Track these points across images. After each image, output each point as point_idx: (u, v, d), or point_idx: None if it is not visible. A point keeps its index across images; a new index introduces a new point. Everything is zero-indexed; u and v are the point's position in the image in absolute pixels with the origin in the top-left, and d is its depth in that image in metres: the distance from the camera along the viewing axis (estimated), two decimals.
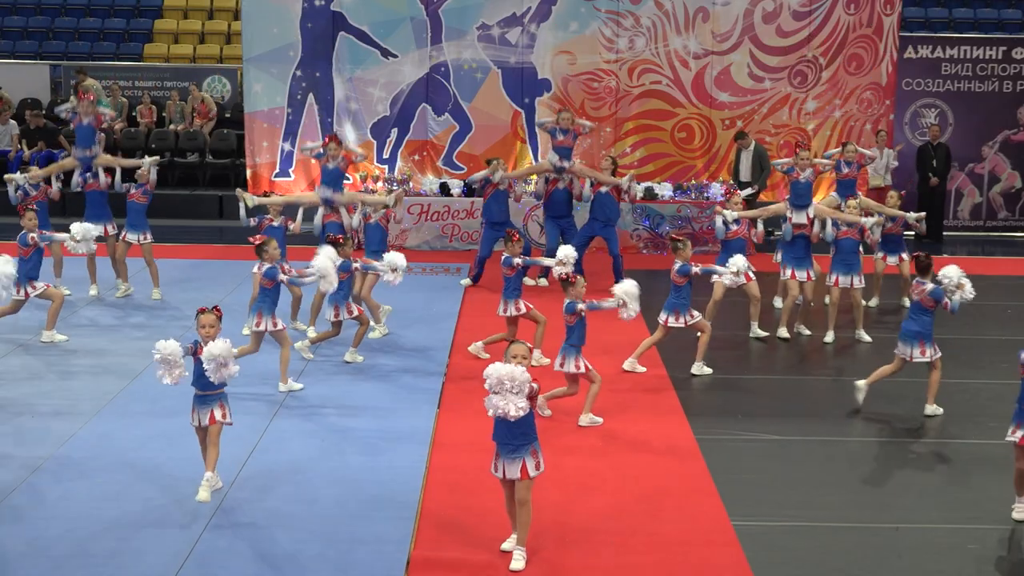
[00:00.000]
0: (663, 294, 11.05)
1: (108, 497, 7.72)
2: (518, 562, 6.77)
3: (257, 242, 10.13)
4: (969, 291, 9.54)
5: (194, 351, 7.49)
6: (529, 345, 6.83)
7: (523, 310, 10.83)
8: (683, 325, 10.73)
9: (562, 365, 9.33)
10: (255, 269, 10.29)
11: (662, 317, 10.81)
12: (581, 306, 9.26)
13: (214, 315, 7.63)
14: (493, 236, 14.24)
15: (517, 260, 10.84)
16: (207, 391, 7.58)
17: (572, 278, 9.44)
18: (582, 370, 9.33)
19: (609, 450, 8.90)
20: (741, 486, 8.22)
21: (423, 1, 17.60)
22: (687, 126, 18.00)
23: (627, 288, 9.43)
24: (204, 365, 7.38)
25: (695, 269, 10.60)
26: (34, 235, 11.44)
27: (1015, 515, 7.71)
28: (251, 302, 11.14)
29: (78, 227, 11.61)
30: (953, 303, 9.47)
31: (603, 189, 14.17)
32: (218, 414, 7.58)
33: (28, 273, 11.19)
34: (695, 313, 10.76)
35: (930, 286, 9.52)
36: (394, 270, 10.54)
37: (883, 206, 13.28)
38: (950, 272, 9.56)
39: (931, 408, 9.82)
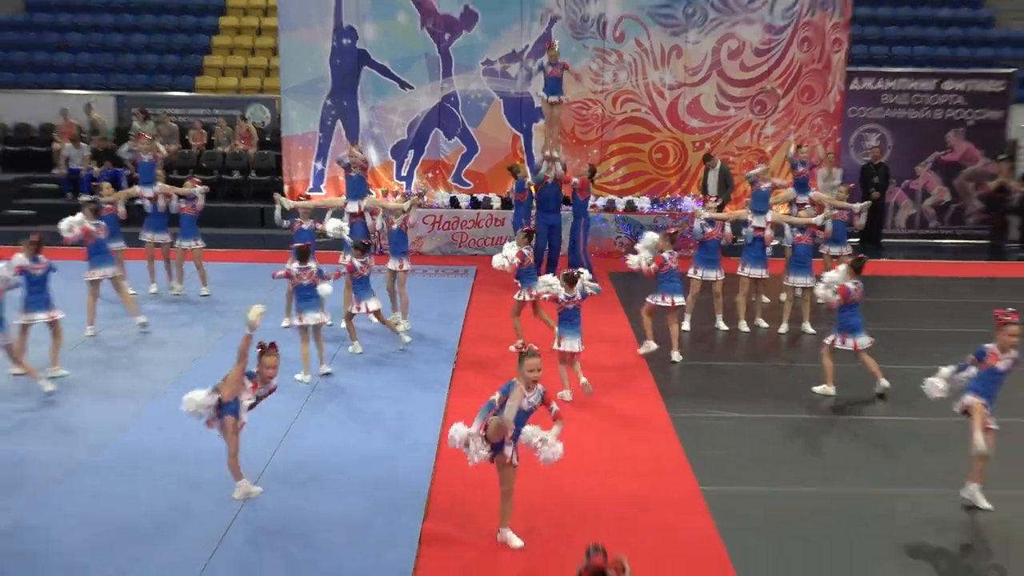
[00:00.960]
0: (647, 291, 11.04)
1: (154, 488, 7.38)
2: (515, 541, 6.67)
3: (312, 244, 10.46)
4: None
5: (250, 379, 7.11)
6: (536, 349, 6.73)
7: (532, 296, 10.79)
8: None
9: (581, 345, 9.45)
10: (290, 265, 10.08)
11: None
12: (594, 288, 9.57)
13: (277, 358, 7.13)
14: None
15: (526, 251, 10.85)
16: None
17: (577, 272, 9.50)
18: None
19: (590, 427, 8.85)
20: (710, 459, 8.19)
21: (436, 40, 17.55)
22: (663, 148, 17.94)
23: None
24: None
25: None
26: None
27: (964, 493, 7.46)
28: (287, 297, 11.12)
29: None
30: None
31: (574, 180, 14.43)
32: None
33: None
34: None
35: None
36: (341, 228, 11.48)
37: (832, 200, 13.60)
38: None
39: (884, 382, 9.82)
